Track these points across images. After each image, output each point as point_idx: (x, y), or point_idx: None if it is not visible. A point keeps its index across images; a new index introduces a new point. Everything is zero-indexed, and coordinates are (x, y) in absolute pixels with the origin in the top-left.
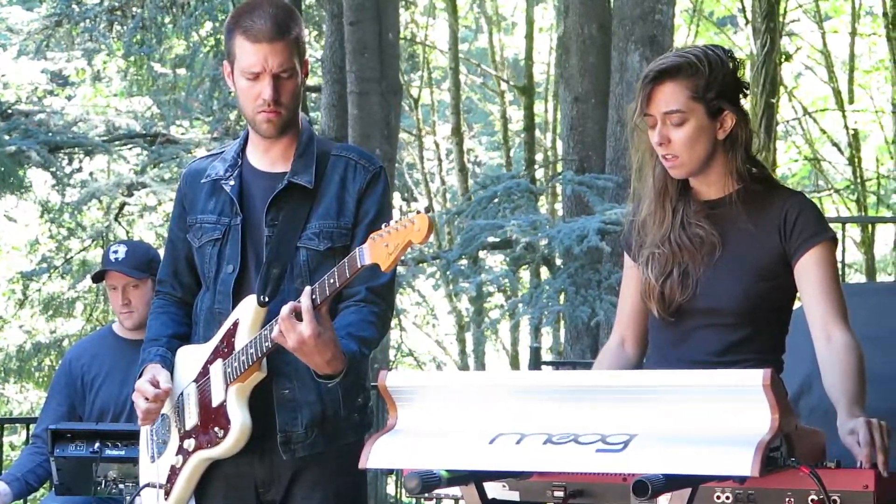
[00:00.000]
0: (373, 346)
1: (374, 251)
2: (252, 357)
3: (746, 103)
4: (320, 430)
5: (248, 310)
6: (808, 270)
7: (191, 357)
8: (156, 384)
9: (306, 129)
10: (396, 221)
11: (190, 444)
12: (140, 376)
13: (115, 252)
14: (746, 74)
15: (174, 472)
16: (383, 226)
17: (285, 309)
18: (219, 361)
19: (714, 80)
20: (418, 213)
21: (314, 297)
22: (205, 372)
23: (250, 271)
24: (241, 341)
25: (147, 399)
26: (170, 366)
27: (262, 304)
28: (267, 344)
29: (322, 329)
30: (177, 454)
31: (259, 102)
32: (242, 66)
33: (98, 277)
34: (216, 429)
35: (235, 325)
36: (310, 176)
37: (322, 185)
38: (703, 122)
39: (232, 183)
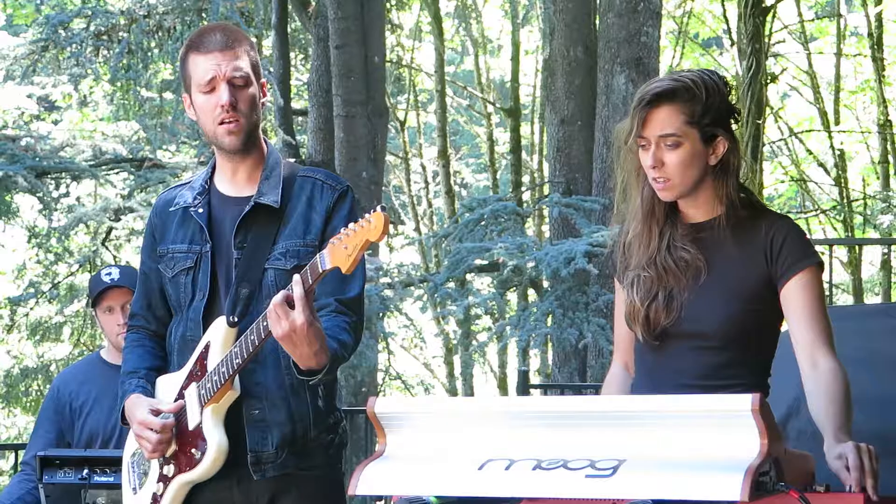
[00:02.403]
0: (348, 351)
1: (333, 255)
2: (224, 376)
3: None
4: (291, 449)
5: (218, 331)
6: (793, 296)
7: (167, 386)
8: (157, 414)
9: (272, 153)
10: (354, 223)
11: (170, 469)
12: (123, 410)
13: (109, 274)
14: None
15: (156, 500)
16: (342, 230)
17: (278, 296)
18: (193, 385)
19: (710, 106)
20: (374, 211)
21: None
22: (180, 397)
23: (220, 296)
24: (213, 363)
25: (155, 431)
26: (151, 397)
27: (232, 324)
28: (237, 361)
29: (314, 317)
30: (158, 481)
31: (217, 112)
32: (197, 80)
33: (95, 301)
34: (193, 451)
35: (207, 347)
36: (276, 196)
37: (289, 207)
38: (697, 147)
39: (201, 210)
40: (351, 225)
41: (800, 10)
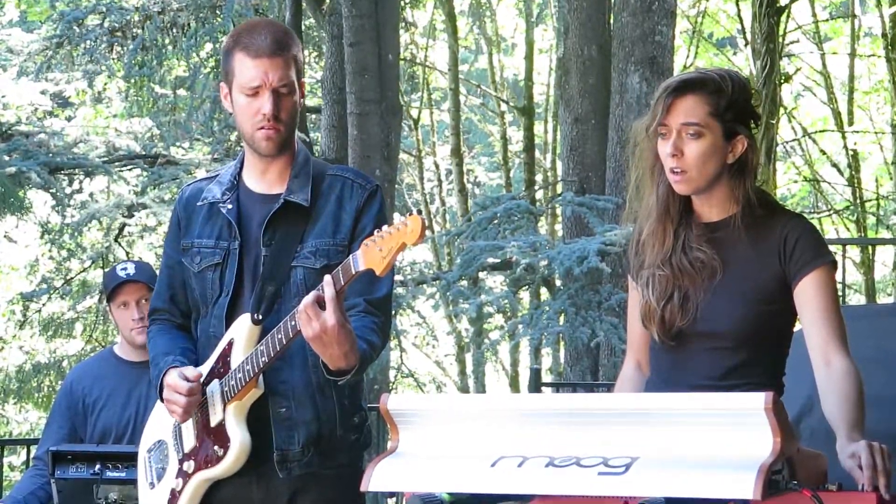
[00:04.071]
0: (377, 352)
1: (367, 257)
2: (249, 374)
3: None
4: (316, 448)
5: (242, 328)
6: (807, 295)
7: None
8: (185, 379)
9: (302, 150)
10: (389, 226)
11: (189, 465)
12: (162, 389)
13: (125, 269)
14: None
15: (174, 496)
16: (375, 232)
17: (309, 297)
18: (215, 382)
19: (734, 102)
20: (410, 214)
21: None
22: (202, 394)
23: (245, 293)
24: (236, 360)
25: (182, 393)
26: None
27: (256, 321)
28: (263, 359)
29: (345, 318)
30: (176, 477)
31: (258, 118)
32: (242, 82)
33: (110, 295)
34: (216, 447)
35: (230, 344)
36: (305, 194)
37: (318, 205)
38: (718, 140)
39: (230, 206)
40: (386, 227)
41: (814, 10)
